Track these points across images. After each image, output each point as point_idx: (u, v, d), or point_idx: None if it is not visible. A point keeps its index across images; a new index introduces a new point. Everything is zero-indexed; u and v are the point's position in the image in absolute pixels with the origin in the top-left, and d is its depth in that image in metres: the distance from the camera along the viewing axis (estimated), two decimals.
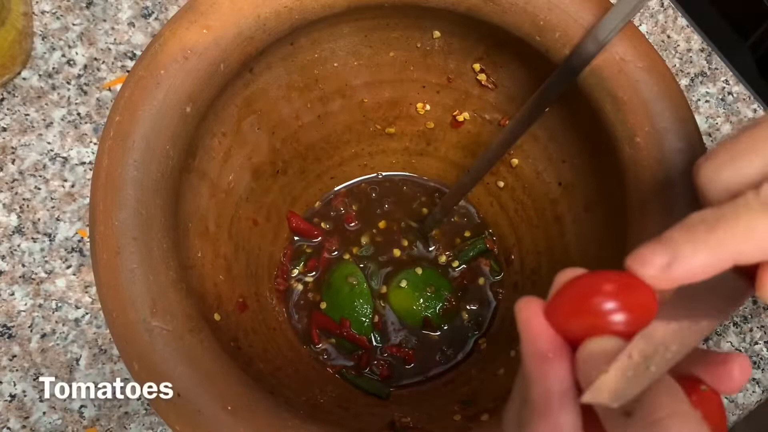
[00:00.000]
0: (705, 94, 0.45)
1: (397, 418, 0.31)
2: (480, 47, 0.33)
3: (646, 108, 0.27)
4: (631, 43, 0.28)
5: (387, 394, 0.36)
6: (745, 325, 0.41)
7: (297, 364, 0.35)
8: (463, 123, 0.38)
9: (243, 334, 0.31)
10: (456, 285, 0.40)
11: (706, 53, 0.45)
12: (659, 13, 0.46)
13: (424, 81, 0.36)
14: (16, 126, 0.41)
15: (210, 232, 0.32)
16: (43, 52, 0.43)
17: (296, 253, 0.40)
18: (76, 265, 0.40)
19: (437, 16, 0.32)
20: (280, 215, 0.39)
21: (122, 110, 0.26)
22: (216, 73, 0.27)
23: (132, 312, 0.24)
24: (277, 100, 0.34)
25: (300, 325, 0.38)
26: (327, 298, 0.39)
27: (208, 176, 0.31)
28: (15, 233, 0.40)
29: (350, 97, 0.37)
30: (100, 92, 0.42)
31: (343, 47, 0.34)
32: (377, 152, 0.41)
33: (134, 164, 0.25)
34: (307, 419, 0.24)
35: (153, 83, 0.26)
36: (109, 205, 0.25)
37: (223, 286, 0.32)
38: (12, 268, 0.39)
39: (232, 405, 0.23)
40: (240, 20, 0.27)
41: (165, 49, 0.26)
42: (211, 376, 0.24)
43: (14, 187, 0.40)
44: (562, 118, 0.33)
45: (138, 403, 0.38)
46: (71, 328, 0.39)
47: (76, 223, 0.40)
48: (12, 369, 0.38)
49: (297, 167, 0.38)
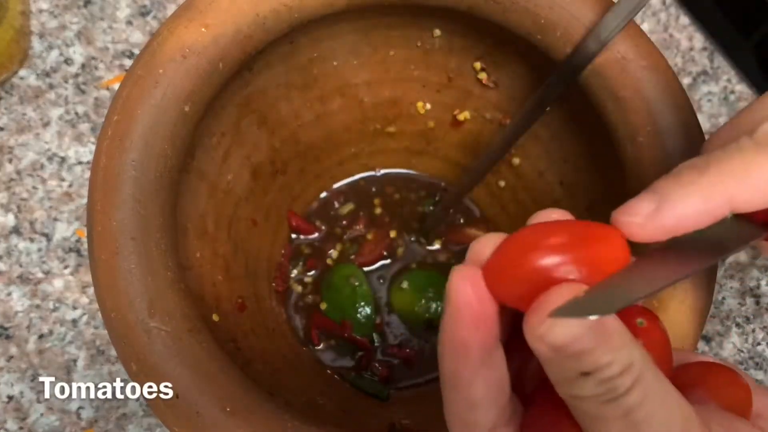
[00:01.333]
0: (707, 93, 0.45)
1: (397, 420, 0.31)
2: (481, 46, 0.33)
3: (648, 107, 0.27)
4: (633, 42, 0.28)
5: (387, 396, 0.36)
6: (747, 325, 0.41)
7: (296, 365, 0.35)
8: (463, 122, 0.38)
9: (242, 335, 0.31)
10: None
11: (709, 52, 0.45)
12: (661, 11, 0.46)
13: (424, 80, 0.36)
14: (14, 125, 0.41)
15: (209, 232, 0.31)
16: (40, 50, 0.42)
17: (295, 253, 0.40)
18: (74, 265, 0.39)
19: (438, 14, 0.31)
20: (279, 215, 0.39)
21: (120, 109, 0.26)
22: (215, 72, 0.27)
23: (130, 312, 0.24)
24: (276, 99, 0.34)
25: (299, 326, 0.38)
26: (327, 298, 0.38)
27: (206, 176, 0.31)
28: (12, 233, 0.40)
29: (350, 97, 0.37)
30: (98, 91, 0.42)
31: (342, 46, 0.34)
32: (377, 152, 0.41)
33: (132, 164, 0.25)
34: (307, 420, 0.24)
35: (151, 82, 0.26)
36: (107, 205, 0.25)
37: (222, 287, 0.31)
38: (9, 269, 0.39)
39: (231, 406, 0.23)
40: (239, 19, 0.27)
41: (163, 48, 0.26)
42: (210, 376, 0.24)
43: (11, 187, 0.40)
44: (563, 118, 0.33)
45: (136, 405, 0.37)
46: (69, 329, 0.38)
47: (74, 223, 0.40)
48: (9, 370, 0.38)
49: (296, 167, 0.38)
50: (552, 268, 0.14)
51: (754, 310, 0.41)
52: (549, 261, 0.14)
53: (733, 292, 0.42)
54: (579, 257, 0.14)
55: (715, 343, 0.41)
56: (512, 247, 0.15)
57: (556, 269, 0.14)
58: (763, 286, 0.42)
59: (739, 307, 0.42)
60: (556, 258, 0.14)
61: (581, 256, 0.14)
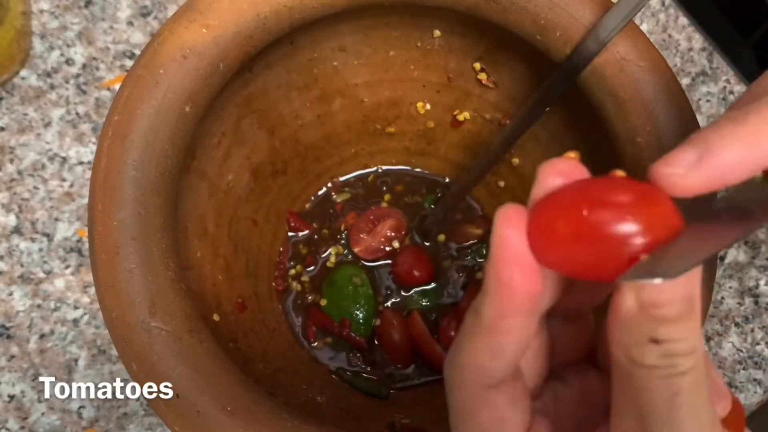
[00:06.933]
0: (706, 94, 0.45)
1: (397, 419, 0.31)
2: (480, 46, 0.33)
3: (647, 108, 0.27)
4: (633, 43, 0.28)
5: (386, 395, 0.36)
6: (746, 325, 0.41)
7: (296, 364, 0.35)
8: (463, 122, 0.38)
9: (242, 335, 0.31)
10: (458, 286, 0.39)
11: (708, 52, 0.45)
12: (660, 12, 0.46)
13: (424, 80, 0.36)
14: (15, 125, 0.41)
15: (209, 232, 0.31)
16: (41, 51, 0.42)
17: (293, 252, 0.40)
18: (75, 265, 0.39)
19: (438, 15, 0.31)
20: (279, 215, 0.39)
21: (121, 110, 0.26)
22: (215, 72, 0.27)
23: (131, 312, 0.24)
24: (276, 99, 0.34)
25: (298, 325, 0.38)
26: (328, 296, 0.38)
27: (207, 176, 0.31)
28: (13, 233, 0.40)
29: (350, 97, 0.37)
30: (99, 92, 0.42)
31: (342, 46, 0.34)
32: (377, 152, 0.41)
33: (133, 164, 0.25)
34: (307, 420, 0.24)
35: (152, 82, 0.26)
36: (107, 204, 0.25)
37: (222, 287, 0.32)
38: (10, 268, 0.39)
39: (232, 406, 0.23)
40: (239, 19, 0.27)
41: (164, 49, 0.26)
42: (210, 376, 0.24)
43: (12, 187, 0.40)
44: (563, 118, 0.33)
45: (137, 404, 0.38)
46: (70, 329, 0.38)
47: (75, 223, 0.40)
48: (11, 369, 0.38)
49: (296, 167, 0.38)
50: (627, 236, 0.13)
51: (753, 309, 0.42)
52: (624, 227, 0.13)
53: (732, 292, 0.42)
54: (647, 224, 0.13)
55: (714, 343, 0.41)
56: (574, 201, 0.14)
57: (630, 237, 0.13)
58: (762, 285, 0.42)
59: (738, 307, 0.42)
60: (630, 224, 0.13)
61: (648, 221, 0.13)
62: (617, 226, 0.13)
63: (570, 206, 0.14)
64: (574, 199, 0.14)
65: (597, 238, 0.13)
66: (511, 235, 0.14)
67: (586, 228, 0.13)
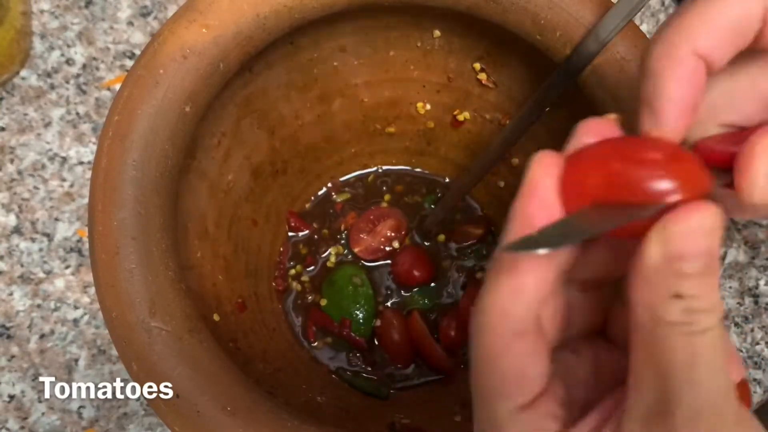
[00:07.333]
0: None
1: (397, 419, 0.31)
2: (480, 46, 0.33)
3: None
4: (633, 43, 0.28)
5: (386, 395, 0.36)
6: (746, 325, 0.41)
7: (296, 364, 0.35)
8: (463, 122, 0.38)
9: (242, 335, 0.31)
10: (457, 286, 0.39)
11: None
12: (660, 12, 0.46)
13: (424, 80, 0.36)
14: (15, 125, 0.41)
15: (209, 233, 0.31)
16: (41, 51, 0.43)
17: (293, 252, 0.40)
18: (75, 265, 0.39)
19: (437, 15, 0.31)
20: (279, 215, 0.39)
21: (121, 110, 0.26)
22: (215, 72, 0.27)
23: (131, 312, 0.24)
24: (276, 99, 0.34)
25: (298, 325, 0.38)
26: (328, 296, 0.38)
27: (207, 176, 0.31)
28: (13, 233, 0.40)
29: (350, 97, 0.37)
30: (99, 92, 0.42)
31: (343, 46, 0.34)
32: (377, 152, 0.41)
33: (133, 164, 0.25)
34: (307, 420, 0.24)
35: (152, 82, 0.26)
36: (107, 204, 0.25)
37: (223, 287, 0.32)
38: (10, 268, 0.39)
39: (232, 406, 0.23)
40: (239, 19, 0.27)
41: (164, 49, 0.26)
42: (211, 376, 0.24)
43: (12, 187, 0.40)
44: (563, 118, 0.33)
45: (137, 404, 0.38)
46: (70, 329, 0.38)
47: (75, 223, 0.40)
48: (11, 369, 0.38)
49: (297, 167, 0.38)
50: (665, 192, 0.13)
51: (752, 309, 0.42)
52: (662, 185, 0.13)
53: (732, 292, 0.42)
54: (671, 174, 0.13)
55: None
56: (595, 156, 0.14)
57: (667, 194, 0.13)
58: (762, 285, 0.42)
59: (738, 307, 0.42)
60: (667, 182, 0.13)
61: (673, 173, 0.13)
62: (647, 182, 0.13)
63: (602, 160, 0.14)
64: (606, 154, 0.14)
65: (626, 192, 0.13)
66: (542, 179, 0.15)
67: (616, 181, 0.13)
